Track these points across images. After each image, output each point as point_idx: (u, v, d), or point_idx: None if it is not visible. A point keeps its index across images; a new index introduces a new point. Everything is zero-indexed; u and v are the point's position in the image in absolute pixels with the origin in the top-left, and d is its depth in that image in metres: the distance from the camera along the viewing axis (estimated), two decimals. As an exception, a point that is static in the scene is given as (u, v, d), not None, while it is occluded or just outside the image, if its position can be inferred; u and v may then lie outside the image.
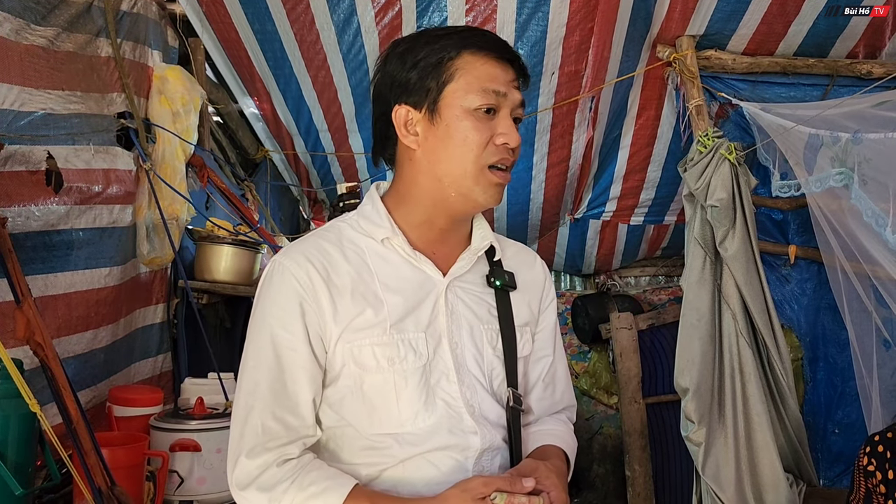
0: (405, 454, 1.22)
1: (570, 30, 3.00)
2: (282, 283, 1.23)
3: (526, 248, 1.52)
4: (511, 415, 1.31)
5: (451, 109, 1.25)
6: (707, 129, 2.99)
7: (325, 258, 1.25)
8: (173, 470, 2.27)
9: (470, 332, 1.30)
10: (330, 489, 1.15)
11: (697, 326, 2.96)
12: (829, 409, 3.29)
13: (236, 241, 3.11)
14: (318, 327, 1.22)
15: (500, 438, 1.29)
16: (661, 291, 4.83)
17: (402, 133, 1.29)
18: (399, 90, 1.29)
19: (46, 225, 2.21)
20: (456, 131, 1.24)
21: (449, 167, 1.26)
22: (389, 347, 1.22)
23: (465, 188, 1.26)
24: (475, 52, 1.26)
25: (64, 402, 1.86)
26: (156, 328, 2.96)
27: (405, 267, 1.29)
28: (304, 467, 1.18)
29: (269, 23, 3.03)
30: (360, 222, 1.32)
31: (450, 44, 1.27)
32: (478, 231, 1.39)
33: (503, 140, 1.25)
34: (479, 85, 1.24)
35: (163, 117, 2.80)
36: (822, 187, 2.50)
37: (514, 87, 1.29)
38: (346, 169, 4.02)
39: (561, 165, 3.77)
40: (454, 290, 1.31)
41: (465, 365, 1.28)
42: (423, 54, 1.27)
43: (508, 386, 1.32)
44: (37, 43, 2.16)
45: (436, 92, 1.26)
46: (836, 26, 3.05)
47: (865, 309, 2.65)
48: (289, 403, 1.21)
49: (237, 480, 1.18)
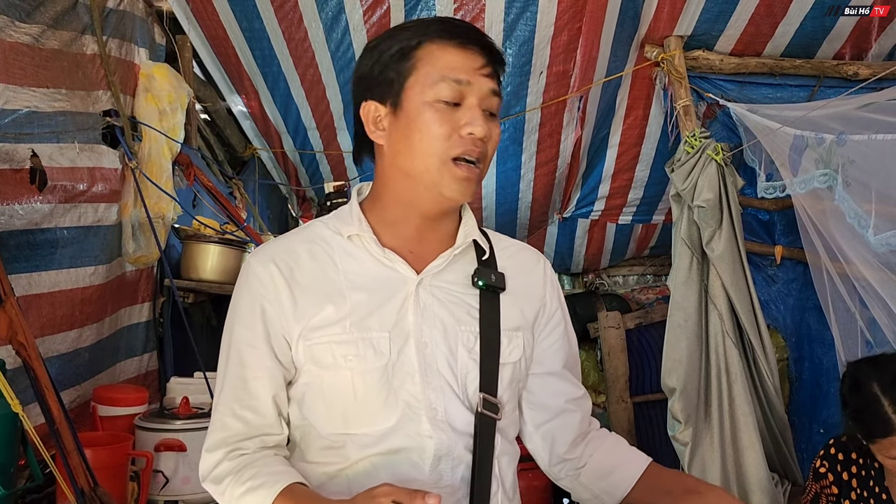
0: (359, 455, 1.19)
1: (559, 29, 3.00)
2: (246, 284, 1.25)
3: (530, 248, 1.44)
4: (479, 421, 1.22)
5: (413, 102, 1.20)
6: (694, 130, 3.00)
7: (289, 256, 1.24)
8: (158, 470, 2.26)
9: (444, 332, 1.24)
10: (265, 485, 1.13)
11: (684, 326, 2.97)
12: (814, 408, 3.31)
13: (223, 240, 3.10)
14: (280, 326, 1.21)
15: (462, 446, 1.21)
16: (648, 290, 4.84)
17: (370, 129, 1.26)
18: (365, 86, 1.26)
19: (30, 223, 2.20)
20: (417, 124, 1.19)
21: (412, 162, 1.21)
22: (348, 345, 1.19)
23: (429, 183, 1.21)
24: (436, 40, 1.21)
25: (47, 403, 1.85)
26: (141, 327, 2.95)
27: (373, 264, 1.25)
28: (251, 462, 1.18)
29: (256, 20, 3.02)
30: (334, 221, 1.30)
31: (410, 34, 1.22)
32: (462, 228, 1.32)
33: (468, 130, 1.19)
34: (439, 74, 1.19)
35: (149, 115, 2.79)
36: (806, 188, 2.50)
37: (481, 75, 1.21)
38: (334, 167, 4.01)
39: (549, 165, 3.78)
40: (429, 288, 1.26)
41: (436, 366, 1.22)
42: (386, 47, 1.24)
43: (482, 391, 1.23)
44: (21, 40, 2.15)
45: (398, 85, 1.21)
46: (823, 28, 3.07)
47: (850, 309, 2.67)
48: (249, 401, 1.21)
49: (200, 473, 1.23)
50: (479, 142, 1.21)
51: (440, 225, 1.31)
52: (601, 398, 4.19)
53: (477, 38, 1.22)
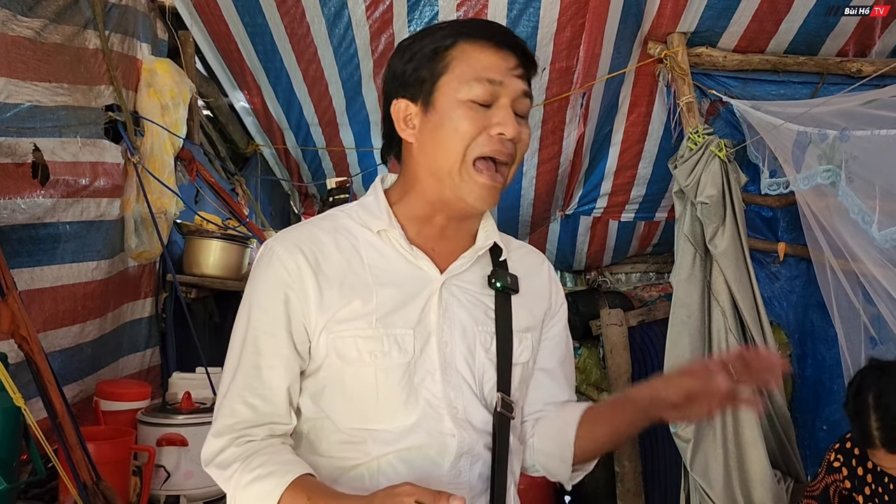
0: (379, 451, 1.19)
1: (562, 26, 2.99)
2: (269, 269, 1.22)
3: (534, 250, 1.47)
4: (497, 420, 1.25)
5: (446, 100, 1.20)
6: (697, 126, 2.99)
7: (316, 246, 1.23)
8: (160, 465, 2.26)
9: (463, 332, 1.25)
10: (275, 474, 1.12)
11: (687, 323, 2.96)
12: (817, 405, 3.30)
13: (225, 236, 3.10)
14: (302, 316, 1.20)
15: (481, 444, 1.24)
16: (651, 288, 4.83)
17: (401, 127, 1.26)
18: (397, 84, 1.27)
19: (32, 218, 2.20)
20: (448, 121, 1.19)
21: (439, 160, 1.21)
22: (374, 341, 1.19)
23: (452, 186, 1.21)
24: (471, 40, 1.21)
25: (49, 397, 1.85)
26: (144, 322, 2.95)
27: (400, 261, 1.26)
28: (259, 450, 1.17)
29: (259, 16, 3.01)
30: (359, 212, 1.30)
31: (445, 34, 1.23)
32: (483, 230, 1.34)
33: (499, 129, 1.19)
34: (473, 74, 1.19)
35: (151, 110, 2.79)
36: (809, 184, 2.50)
37: (514, 75, 1.22)
38: (336, 163, 4.00)
39: (552, 161, 3.77)
40: (450, 288, 1.27)
41: (454, 365, 1.23)
42: (420, 46, 1.24)
43: (499, 391, 1.26)
44: (23, 34, 2.15)
45: (430, 83, 1.22)
46: (826, 24, 3.06)
47: (853, 306, 2.66)
48: (261, 389, 1.20)
49: (202, 457, 1.20)
50: (509, 143, 1.21)
51: (463, 225, 1.32)
52: (603, 395, 4.19)
53: (511, 40, 1.24)
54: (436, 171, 1.23)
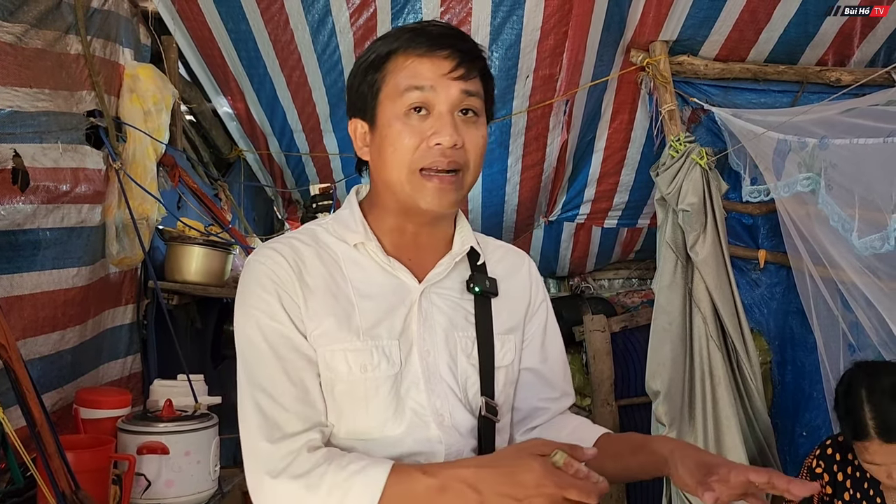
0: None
1: (545, 33, 3.01)
2: (260, 277, 1.20)
3: (515, 249, 1.46)
4: (482, 424, 1.26)
5: (384, 116, 1.20)
6: (679, 134, 3.02)
7: (297, 256, 1.22)
8: (140, 473, 2.24)
9: (444, 339, 1.26)
10: (371, 465, 1.07)
11: (669, 330, 2.98)
12: (797, 411, 3.33)
13: (207, 242, 3.08)
14: (297, 318, 1.19)
15: (468, 449, 1.24)
16: (634, 294, 4.85)
17: (358, 146, 1.28)
18: (349, 103, 1.29)
19: (12, 224, 2.17)
20: (387, 137, 1.19)
21: (388, 175, 1.21)
22: (363, 354, 1.18)
23: (405, 195, 1.21)
24: (401, 50, 1.20)
25: (28, 405, 1.83)
26: (125, 329, 2.92)
27: (379, 273, 1.26)
28: (337, 452, 1.13)
29: (242, 22, 3.01)
30: (335, 227, 1.29)
31: (381, 45, 1.22)
32: (459, 235, 1.34)
33: (435, 140, 1.17)
34: (404, 85, 1.18)
35: (134, 116, 2.76)
36: (789, 192, 2.52)
37: (450, 78, 1.18)
38: (320, 170, 4.00)
39: (535, 168, 3.79)
40: (429, 296, 1.27)
41: (438, 373, 1.24)
42: (361, 62, 1.24)
43: (482, 395, 1.27)
44: (4, 39, 2.13)
45: (371, 99, 1.22)
46: (806, 34, 3.10)
47: (832, 313, 2.69)
48: (296, 392, 1.15)
49: (267, 470, 1.09)
50: (449, 151, 1.18)
51: (435, 231, 1.32)
52: (586, 401, 4.20)
53: (446, 42, 1.19)
54: (390, 184, 1.23)
